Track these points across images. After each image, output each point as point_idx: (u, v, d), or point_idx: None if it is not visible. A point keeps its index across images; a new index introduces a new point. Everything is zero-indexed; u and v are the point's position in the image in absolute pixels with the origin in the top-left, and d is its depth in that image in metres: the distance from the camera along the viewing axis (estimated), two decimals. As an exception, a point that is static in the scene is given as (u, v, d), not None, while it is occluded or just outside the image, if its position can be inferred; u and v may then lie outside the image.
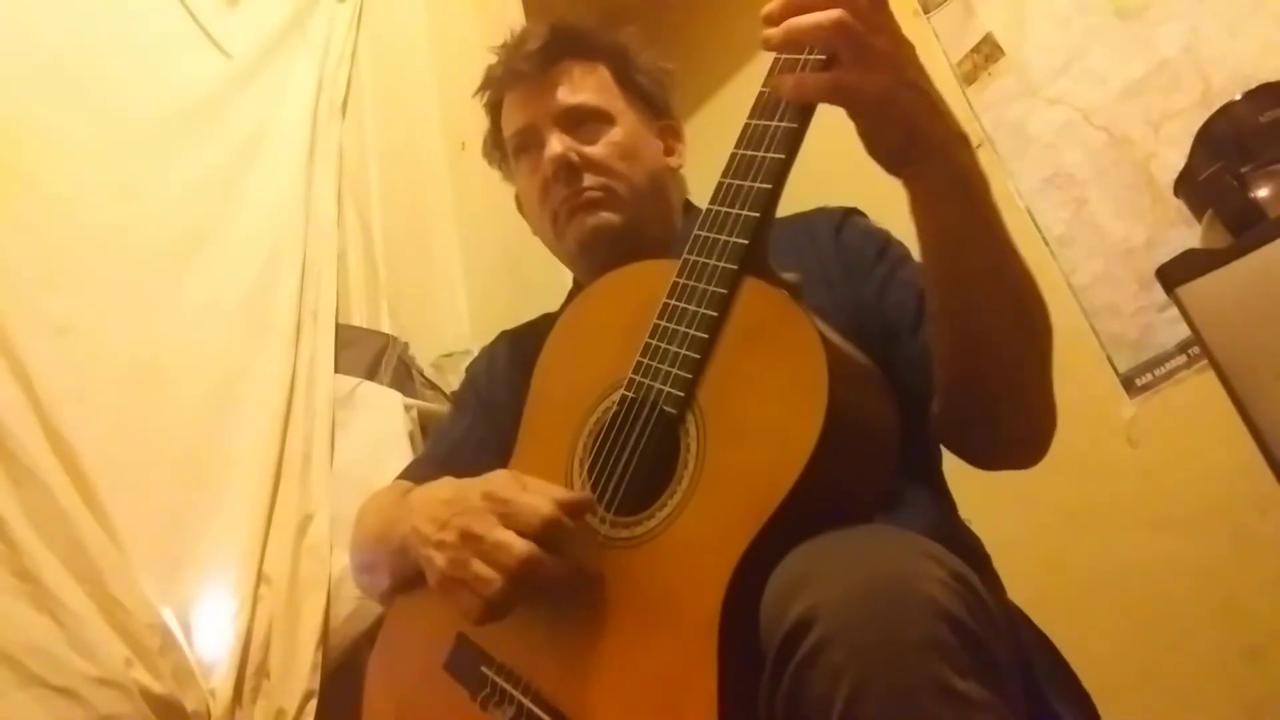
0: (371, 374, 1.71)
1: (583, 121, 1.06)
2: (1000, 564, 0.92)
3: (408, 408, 1.65)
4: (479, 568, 0.74)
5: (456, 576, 0.76)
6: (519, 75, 1.09)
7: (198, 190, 1.74)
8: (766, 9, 0.75)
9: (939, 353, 0.84)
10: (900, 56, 0.73)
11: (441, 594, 0.79)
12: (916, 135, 0.74)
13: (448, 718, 0.80)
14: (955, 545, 0.65)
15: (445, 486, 0.85)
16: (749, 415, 0.71)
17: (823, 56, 0.74)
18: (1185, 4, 1.78)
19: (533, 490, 0.77)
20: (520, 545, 0.73)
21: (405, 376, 1.77)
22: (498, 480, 0.79)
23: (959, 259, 0.79)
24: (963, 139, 0.77)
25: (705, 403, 0.73)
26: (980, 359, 0.81)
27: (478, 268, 2.05)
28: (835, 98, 0.73)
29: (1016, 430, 0.86)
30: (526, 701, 0.74)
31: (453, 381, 1.85)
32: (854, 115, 0.74)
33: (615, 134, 1.06)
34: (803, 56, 0.75)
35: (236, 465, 1.51)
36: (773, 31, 0.74)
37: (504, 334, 1.20)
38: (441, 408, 1.72)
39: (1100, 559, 1.74)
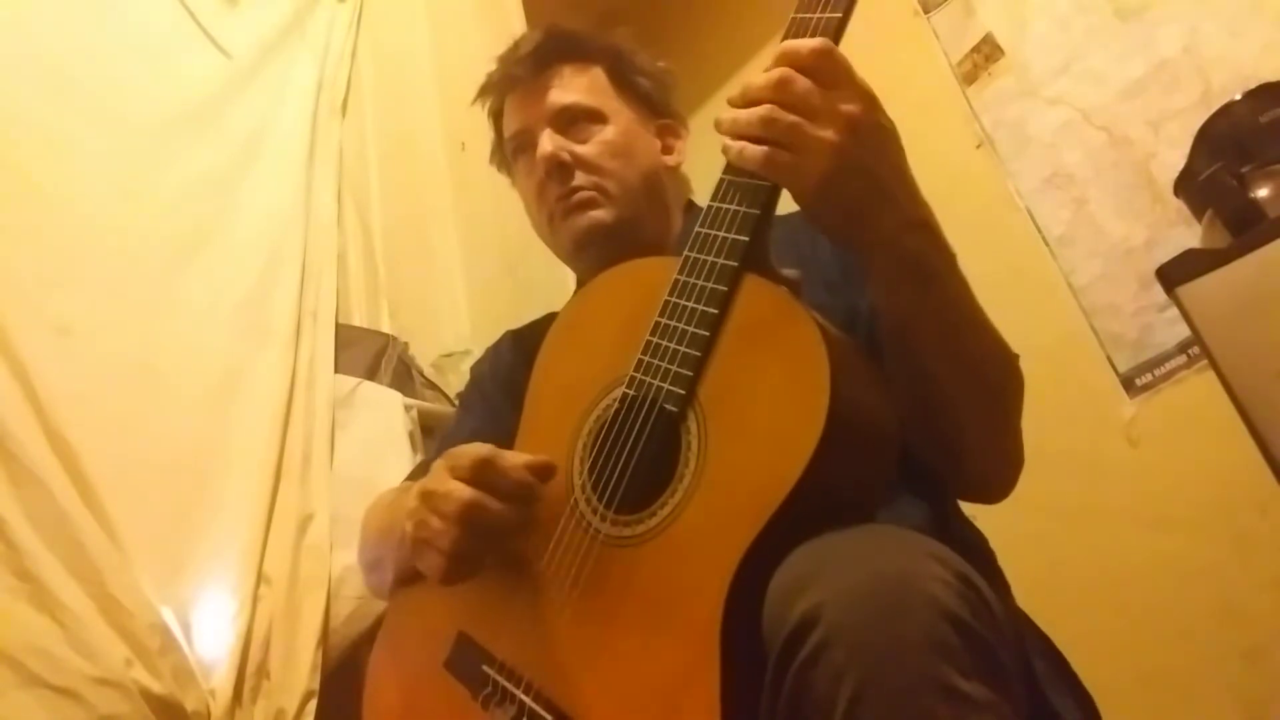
0: (371, 374, 1.71)
1: (575, 121, 1.07)
2: (1000, 564, 0.92)
3: (408, 408, 1.65)
4: (434, 521, 0.76)
5: (420, 537, 0.78)
6: (514, 80, 1.11)
7: (198, 190, 1.74)
8: (730, 97, 0.76)
9: (901, 401, 0.84)
10: (850, 143, 0.71)
11: (415, 561, 0.80)
12: (859, 223, 0.75)
13: (449, 717, 0.80)
14: (954, 540, 0.65)
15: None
16: (751, 413, 0.71)
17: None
18: (1185, 4, 1.78)
19: (476, 445, 0.78)
20: (461, 490, 0.75)
21: (405, 376, 1.77)
22: (464, 445, 0.80)
23: (910, 337, 0.80)
24: (919, 225, 0.76)
25: (706, 401, 0.73)
26: (935, 421, 0.82)
27: (478, 268, 2.05)
28: (769, 174, 0.74)
29: (973, 478, 0.88)
30: (528, 700, 0.73)
31: (453, 381, 1.85)
32: (792, 196, 0.75)
33: (607, 133, 1.07)
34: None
35: (236, 465, 1.50)
36: (723, 118, 0.75)
37: (508, 333, 1.20)
38: (441, 408, 1.72)
39: (1100, 559, 1.74)
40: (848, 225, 0.76)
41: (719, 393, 0.73)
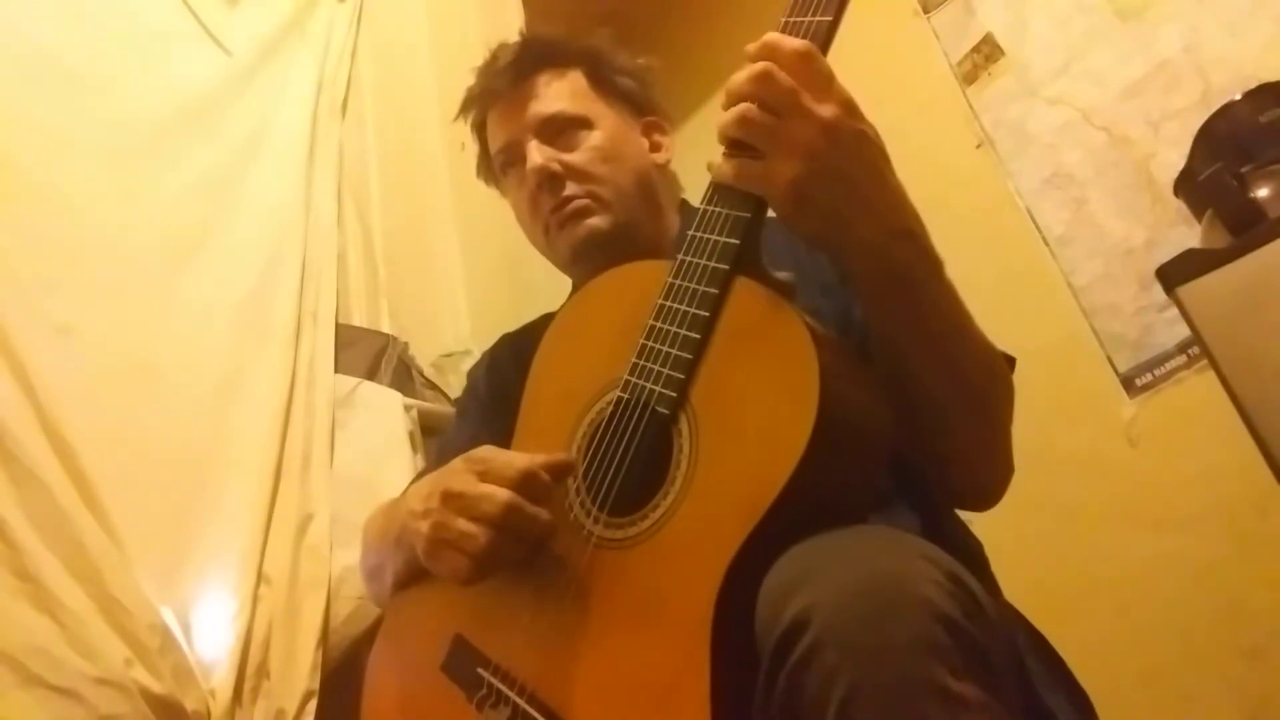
0: (371, 374, 1.71)
1: (562, 130, 1.07)
2: (1000, 564, 0.92)
3: (408, 408, 1.65)
4: (462, 524, 0.76)
5: (441, 538, 0.77)
6: (495, 93, 1.11)
7: (198, 190, 1.74)
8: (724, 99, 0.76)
9: (892, 404, 0.84)
10: (824, 147, 0.70)
11: (429, 562, 0.80)
12: (836, 230, 0.74)
13: (445, 719, 0.80)
14: (948, 544, 0.65)
15: (436, 470, 0.87)
16: (741, 415, 0.71)
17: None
18: (1185, 4, 1.78)
19: (511, 453, 0.79)
20: (501, 493, 0.75)
21: (405, 376, 1.77)
22: (477, 449, 0.81)
23: (894, 343, 0.80)
24: (902, 234, 0.75)
25: (698, 403, 0.73)
26: (922, 426, 0.82)
27: (478, 268, 2.05)
28: (741, 185, 0.75)
29: (960, 485, 0.88)
30: (522, 703, 0.74)
31: (453, 381, 1.85)
32: (768, 202, 0.75)
33: (595, 138, 1.07)
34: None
35: (236, 465, 1.51)
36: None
37: (504, 337, 1.20)
38: (441, 408, 1.72)
39: (1100, 559, 1.74)
40: (825, 231, 0.75)
41: (710, 395, 0.73)
